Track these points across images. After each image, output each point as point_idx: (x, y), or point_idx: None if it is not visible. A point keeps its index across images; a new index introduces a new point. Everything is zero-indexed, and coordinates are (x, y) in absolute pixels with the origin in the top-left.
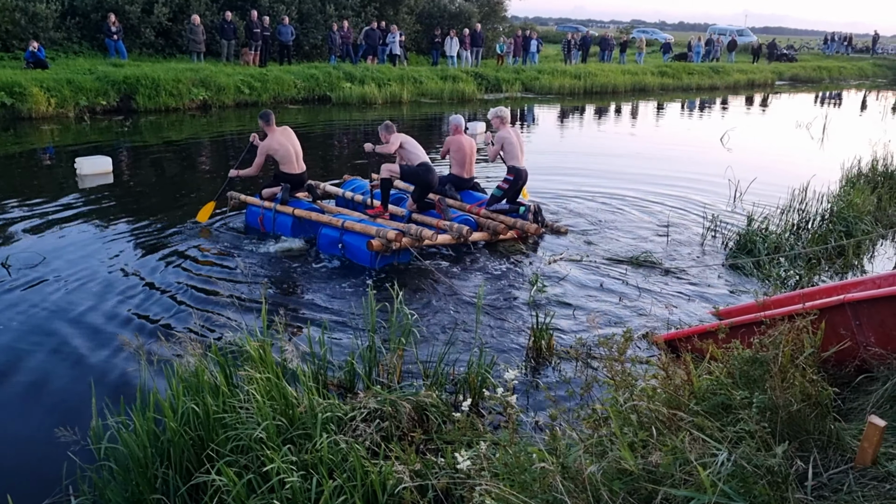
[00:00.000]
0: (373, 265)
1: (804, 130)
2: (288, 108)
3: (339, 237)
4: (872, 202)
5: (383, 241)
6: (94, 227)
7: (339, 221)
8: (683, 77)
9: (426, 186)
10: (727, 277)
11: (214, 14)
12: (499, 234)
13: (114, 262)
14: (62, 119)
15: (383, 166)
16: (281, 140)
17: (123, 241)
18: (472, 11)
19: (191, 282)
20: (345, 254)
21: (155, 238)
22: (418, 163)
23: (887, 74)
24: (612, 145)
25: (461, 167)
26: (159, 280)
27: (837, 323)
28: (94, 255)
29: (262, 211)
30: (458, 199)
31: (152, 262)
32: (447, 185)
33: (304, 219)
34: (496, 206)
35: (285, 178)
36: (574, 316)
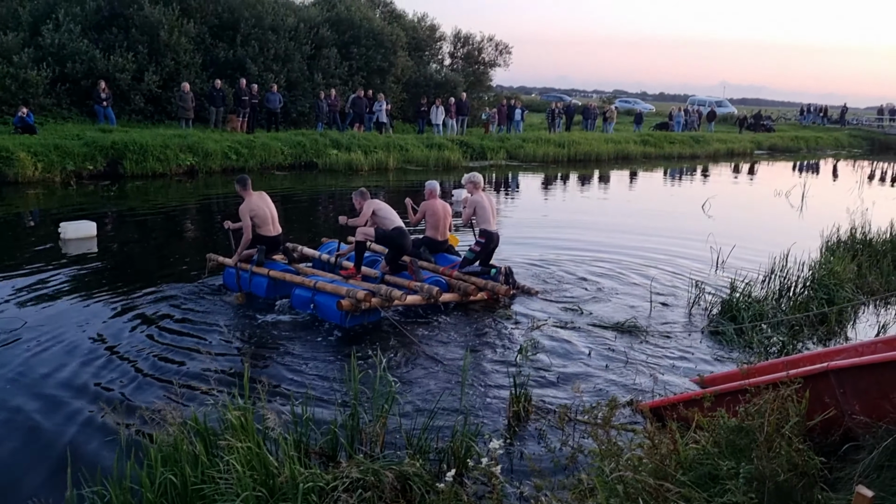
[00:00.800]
0: (343, 324)
1: (783, 199)
2: (275, 174)
3: (312, 297)
4: (853, 270)
5: (353, 300)
6: (77, 292)
7: (311, 282)
8: (665, 146)
9: (400, 249)
10: (711, 344)
11: (204, 82)
12: (469, 295)
13: (95, 328)
14: (48, 183)
15: (358, 230)
16: (258, 203)
17: (106, 307)
18: (458, 81)
19: (171, 347)
20: (317, 313)
21: (137, 303)
22: (392, 227)
23: (862, 144)
24: (595, 212)
25: (435, 230)
26: (140, 346)
27: (822, 391)
28: (76, 321)
29: (238, 272)
30: (432, 262)
31: (134, 327)
32: (422, 248)
33: (278, 279)
34: (468, 268)
35: (261, 240)
36: (558, 382)
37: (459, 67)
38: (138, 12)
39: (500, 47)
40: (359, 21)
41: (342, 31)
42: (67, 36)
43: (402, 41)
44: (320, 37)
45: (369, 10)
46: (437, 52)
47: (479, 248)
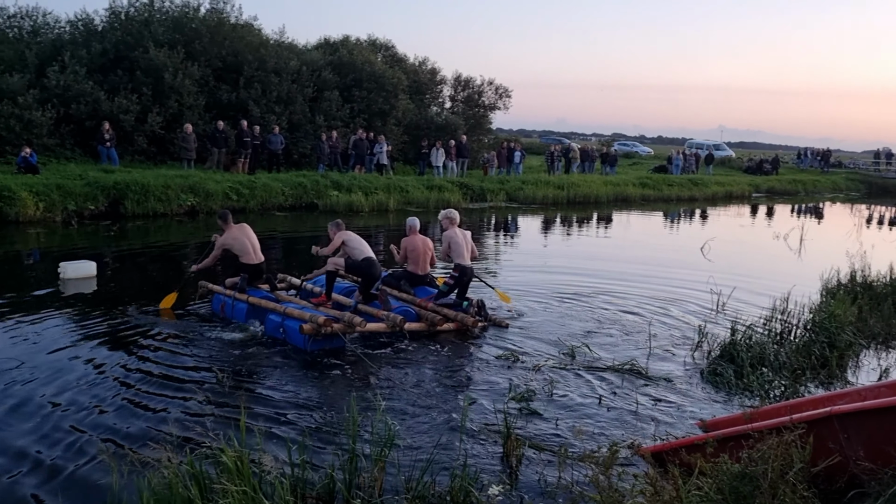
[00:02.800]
0: (306, 348)
1: (782, 241)
2: (275, 214)
3: (281, 322)
4: (853, 313)
5: (314, 325)
6: (75, 332)
7: (282, 308)
8: (664, 188)
9: (369, 279)
10: (711, 387)
11: (207, 123)
12: (436, 325)
13: (90, 368)
14: (49, 223)
15: (329, 260)
16: (236, 235)
17: (102, 348)
18: (459, 123)
19: (168, 386)
20: (285, 337)
21: (134, 343)
22: (362, 258)
23: (859, 188)
24: (594, 254)
25: (416, 265)
26: (136, 386)
27: (825, 436)
28: (72, 362)
29: (223, 298)
30: (411, 294)
31: (129, 366)
32: (402, 281)
33: (256, 306)
34: (443, 300)
35: (244, 268)
36: (557, 425)
37: (460, 110)
38: (143, 55)
39: (499, 91)
40: (360, 64)
41: (344, 73)
42: (73, 77)
43: (404, 84)
44: (322, 79)
45: (371, 53)
46: (437, 95)
47: (452, 281)
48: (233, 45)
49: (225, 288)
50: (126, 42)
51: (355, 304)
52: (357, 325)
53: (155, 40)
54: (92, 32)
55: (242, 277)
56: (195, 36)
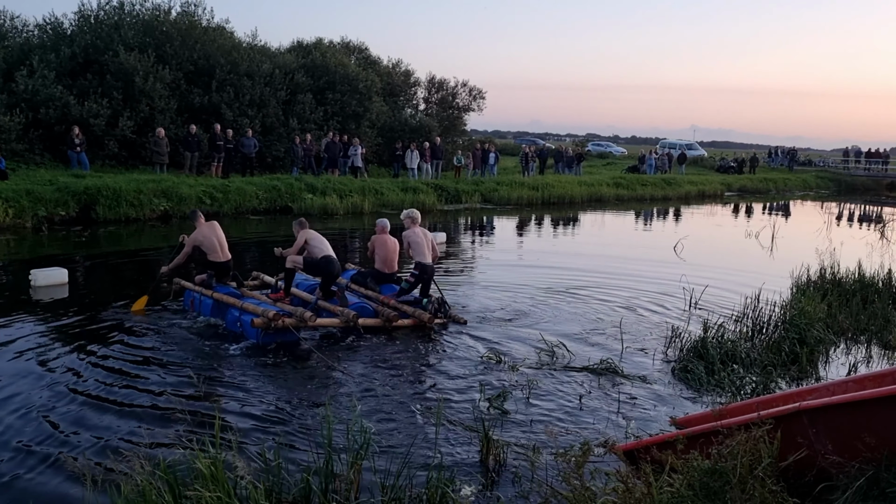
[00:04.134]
0: (258, 340)
1: (753, 239)
2: (249, 218)
3: (238, 316)
4: (823, 309)
5: (264, 319)
6: (45, 339)
7: (240, 303)
8: (637, 188)
9: (328, 276)
10: (683, 385)
11: (179, 127)
12: (391, 321)
13: (60, 376)
14: (19, 229)
15: (289, 258)
16: (206, 233)
17: (72, 354)
18: (433, 125)
19: (140, 390)
20: (242, 331)
21: (105, 347)
22: (321, 256)
23: (829, 186)
24: (568, 253)
25: (383, 263)
26: (109, 390)
27: (794, 431)
28: (41, 369)
29: (193, 294)
30: (376, 291)
31: (101, 372)
32: (368, 279)
33: (220, 301)
34: (404, 297)
35: (211, 265)
36: (531, 424)
37: (434, 112)
38: (113, 59)
39: (473, 92)
40: (334, 67)
41: (317, 76)
42: (41, 82)
43: (377, 86)
44: (296, 82)
45: (344, 56)
46: (411, 98)
47: (413, 279)
48: (204, 49)
49: (195, 284)
50: (96, 45)
51: (316, 300)
52: (308, 320)
53: (125, 44)
54: (61, 36)
55: (209, 274)
56: (166, 39)
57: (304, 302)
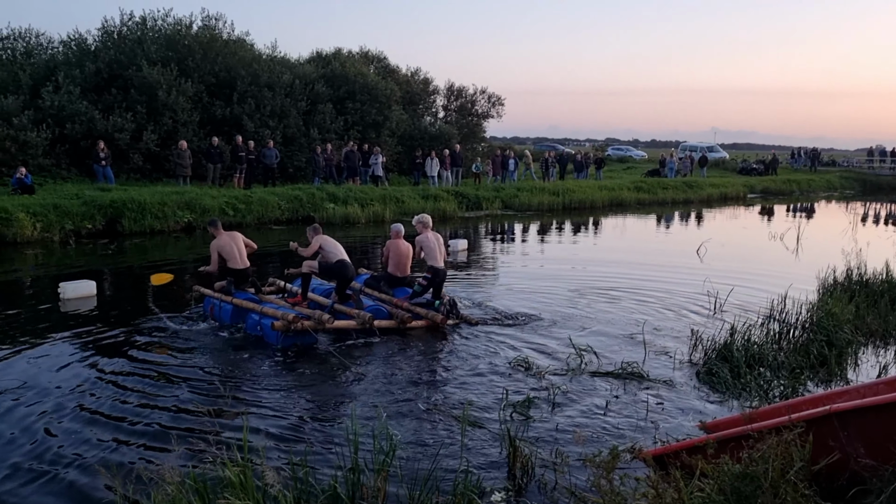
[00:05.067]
0: (277, 343)
1: (778, 241)
2: (272, 228)
3: (258, 320)
4: (851, 311)
5: (284, 322)
6: (75, 350)
7: (260, 307)
8: (658, 192)
9: (343, 280)
10: (711, 389)
11: (202, 139)
12: (405, 322)
13: (91, 387)
14: (47, 243)
15: (304, 263)
16: (226, 240)
17: (102, 365)
18: (452, 133)
19: (167, 399)
20: (263, 334)
21: (134, 358)
22: (335, 260)
23: (854, 186)
24: (591, 258)
25: (396, 267)
26: (137, 401)
27: (826, 434)
28: (72, 380)
29: (213, 301)
30: (389, 294)
31: (130, 383)
32: (382, 283)
33: (239, 306)
34: (417, 299)
35: (231, 272)
36: (556, 430)
37: (453, 119)
38: (137, 73)
39: (492, 99)
40: (353, 77)
41: (337, 86)
42: (67, 98)
43: (397, 95)
44: (316, 93)
45: (363, 65)
46: (430, 105)
47: (425, 282)
48: (225, 61)
49: (214, 291)
50: (119, 61)
51: (332, 304)
52: (325, 322)
53: (148, 58)
54: (85, 52)
55: (229, 281)
56: (188, 53)
57: (320, 306)
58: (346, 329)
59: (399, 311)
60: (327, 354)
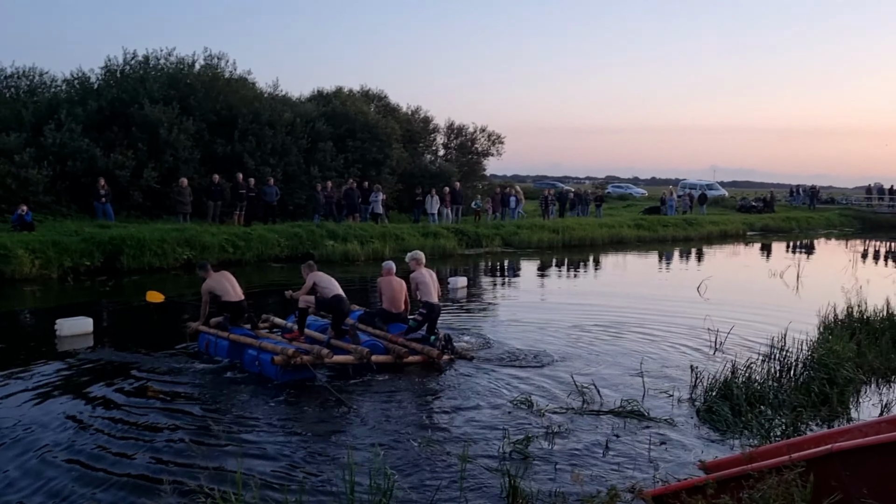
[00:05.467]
0: (278, 378)
1: (778, 279)
2: (271, 265)
3: (257, 355)
4: (852, 349)
5: (284, 357)
6: (70, 389)
7: (258, 343)
8: (659, 229)
9: (339, 314)
10: (712, 427)
11: (202, 176)
12: (402, 357)
13: (82, 427)
14: (45, 280)
15: (301, 298)
16: (216, 278)
17: (95, 404)
18: (452, 171)
19: (160, 438)
20: (260, 370)
21: (129, 395)
22: (331, 295)
23: (853, 224)
24: (590, 295)
25: (390, 303)
26: (129, 441)
27: (827, 474)
28: (63, 419)
29: (207, 337)
30: (384, 330)
31: (124, 420)
32: (376, 318)
33: (236, 342)
34: (412, 335)
35: (226, 306)
36: (556, 469)
37: (453, 157)
38: (139, 111)
39: (492, 137)
40: (354, 115)
41: (338, 124)
42: (69, 135)
43: (397, 133)
44: (316, 131)
45: (364, 104)
46: (431, 144)
47: (420, 317)
48: (227, 99)
49: (209, 328)
50: (121, 99)
51: (328, 339)
52: (325, 356)
53: (150, 96)
54: (88, 90)
55: (225, 317)
56: (190, 91)
57: (317, 341)
58: (343, 364)
59: (395, 346)
60: (324, 391)
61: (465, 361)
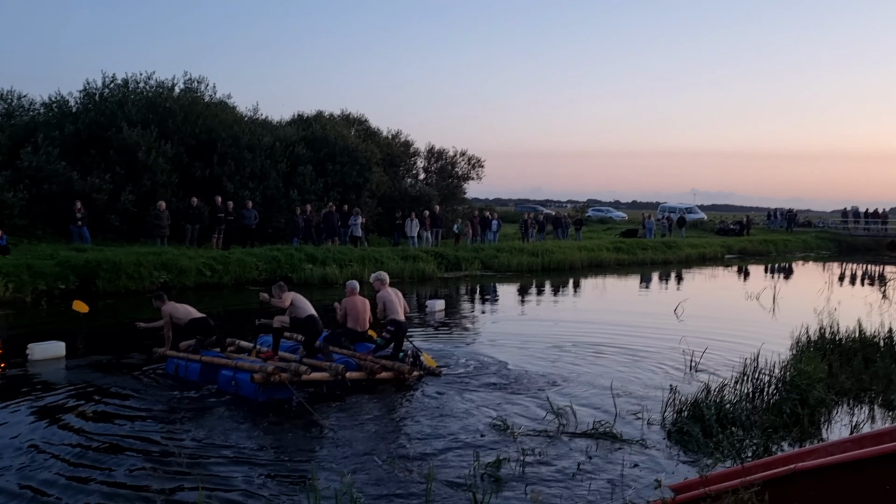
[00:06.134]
0: (256, 397)
1: (754, 301)
2: (249, 289)
3: (233, 375)
4: (824, 370)
5: (264, 374)
6: (35, 414)
7: (233, 363)
8: (638, 252)
9: (313, 334)
10: (684, 449)
11: (181, 200)
12: (374, 373)
13: (45, 453)
14: (18, 304)
15: (275, 318)
16: (174, 305)
17: (61, 430)
18: (433, 194)
19: (122, 464)
20: (237, 390)
21: (94, 421)
22: (305, 315)
23: (830, 247)
24: (568, 317)
25: (355, 322)
26: (90, 469)
27: (792, 494)
28: (26, 446)
29: (176, 361)
30: (350, 349)
31: (86, 449)
32: (343, 338)
33: (209, 363)
34: (381, 352)
35: (192, 325)
36: (526, 492)
37: (434, 181)
38: (117, 135)
39: (472, 161)
40: (334, 139)
41: (318, 148)
42: (45, 158)
43: (377, 157)
44: (296, 154)
45: (344, 128)
46: (411, 167)
47: (388, 335)
48: (206, 123)
49: (178, 352)
50: (100, 122)
51: (300, 358)
52: (303, 373)
53: (128, 120)
54: (66, 114)
55: (198, 339)
56: (169, 115)
57: (286, 361)
58: (319, 381)
59: (367, 362)
60: (296, 412)
61: (439, 381)
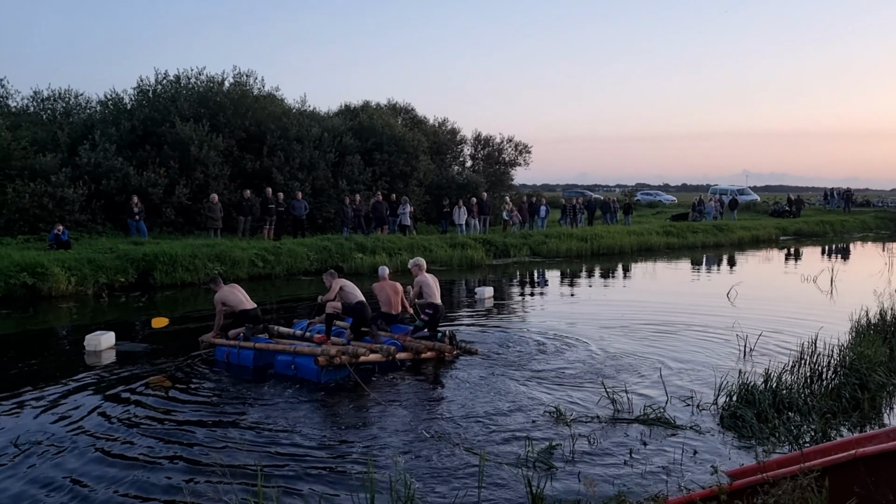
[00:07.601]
0: (319, 379)
1: (811, 284)
2: (301, 279)
3: (292, 360)
4: (885, 353)
5: (327, 356)
6: (95, 402)
7: (291, 348)
8: (688, 236)
9: (361, 319)
10: (740, 435)
11: (232, 192)
12: (420, 353)
13: (110, 441)
14: (81, 297)
15: (328, 304)
16: (229, 290)
17: (121, 415)
18: (480, 181)
19: (184, 451)
20: (297, 373)
21: (152, 408)
22: (355, 301)
23: (889, 226)
24: (619, 303)
25: (388, 306)
26: (151, 449)
27: (852, 480)
28: (88, 430)
29: (227, 349)
30: (387, 331)
31: (151, 434)
32: (378, 321)
33: (263, 350)
34: (419, 333)
35: (243, 315)
36: (579, 478)
37: (480, 168)
38: (170, 130)
39: (519, 147)
40: (381, 128)
41: (365, 138)
42: (103, 155)
43: (424, 146)
44: (344, 145)
45: (391, 117)
46: (458, 155)
47: (426, 318)
48: (256, 116)
49: (228, 339)
50: (153, 118)
51: (348, 342)
52: (361, 354)
53: (181, 115)
54: (121, 111)
55: (247, 327)
56: (219, 109)
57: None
58: (372, 362)
59: (413, 343)
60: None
61: (488, 365)
